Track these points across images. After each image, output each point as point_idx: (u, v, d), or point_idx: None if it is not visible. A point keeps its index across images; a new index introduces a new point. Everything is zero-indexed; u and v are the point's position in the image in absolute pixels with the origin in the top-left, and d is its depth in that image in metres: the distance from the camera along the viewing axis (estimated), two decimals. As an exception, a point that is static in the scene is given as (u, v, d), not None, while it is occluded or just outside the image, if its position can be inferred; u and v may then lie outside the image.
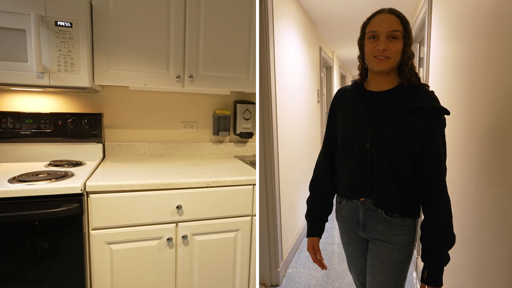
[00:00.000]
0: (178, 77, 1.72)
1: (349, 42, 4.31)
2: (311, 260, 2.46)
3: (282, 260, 2.34)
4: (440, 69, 1.75)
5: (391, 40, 0.98)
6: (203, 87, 1.80)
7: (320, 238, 1.18)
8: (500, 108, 0.94)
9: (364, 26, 1.05)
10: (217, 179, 1.55)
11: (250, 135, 2.24)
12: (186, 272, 1.56)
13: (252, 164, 1.98)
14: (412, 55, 1.02)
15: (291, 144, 2.64)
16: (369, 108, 1.04)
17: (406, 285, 1.12)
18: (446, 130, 1.02)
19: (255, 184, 1.63)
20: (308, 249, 1.19)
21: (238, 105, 2.17)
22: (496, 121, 0.98)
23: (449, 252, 1.00)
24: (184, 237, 1.51)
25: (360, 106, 1.05)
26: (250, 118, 2.19)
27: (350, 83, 1.15)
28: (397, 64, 1.01)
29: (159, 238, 1.48)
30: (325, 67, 4.73)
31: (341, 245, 2.71)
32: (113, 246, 1.42)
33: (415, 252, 1.45)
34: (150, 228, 1.46)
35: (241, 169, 1.79)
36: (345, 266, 2.47)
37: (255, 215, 1.66)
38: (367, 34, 1.02)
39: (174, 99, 2.11)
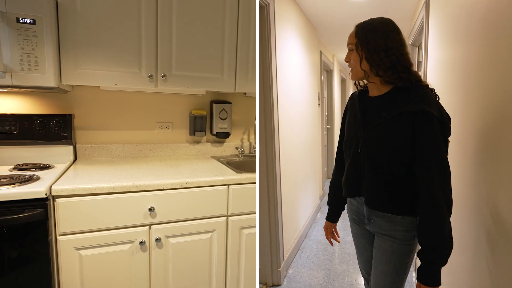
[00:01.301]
0: (150, 76, 1.68)
1: None
2: (312, 260, 2.60)
3: (284, 260, 2.36)
4: (437, 72, 1.79)
5: (350, 52, 1.09)
6: (176, 86, 1.77)
7: (336, 223, 1.36)
8: (493, 109, 0.96)
9: None
10: (191, 180, 1.52)
11: (227, 135, 2.22)
12: (160, 275, 1.52)
13: (229, 164, 1.97)
14: (384, 61, 1.01)
15: (293, 146, 2.66)
16: (366, 113, 1.10)
17: (406, 286, 1.16)
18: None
19: (230, 184, 1.62)
20: (324, 228, 1.38)
21: (214, 105, 2.15)
22: (488, 122, 1.00)
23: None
24: (158, 240, 1.48)
25: (358, 112, 1.12)
26: (227, 118, 2.18)
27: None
28: (361, 73, 1.07)
29: (132, 242, 1.44)
30: (326, 71, 4.78)
31: (341, 246, 2.82)
32: (83, 252, 1.37)
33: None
34: (121, 231, 1.42)
35: (217, 169, 1.77)
36: (345, 266, 2.51)
37: (230, 216, 1.65)
38: None
39: (149, 99, 2.06)
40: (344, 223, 3.10)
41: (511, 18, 0.82)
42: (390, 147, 1.00)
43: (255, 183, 1.68)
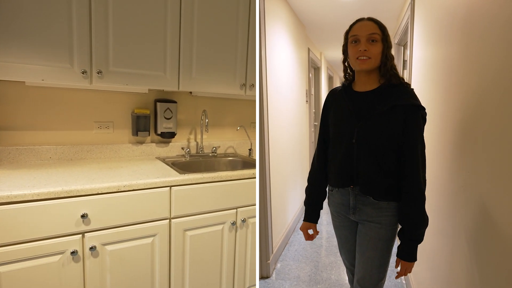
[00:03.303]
0: (84, 72, 1.56)
1: (337, 43, 4.43)
2: (300, 253, 2.66)
3: (272, 253, 2.38)
4: (421, 71, 1.88)
5: (370, 43, 1.11)
6: (114, 84, 1.66)
7: (316, 223, 1.35)
8: (471, 105, 1.03)
9: (347, 33, 1.18)
10: (129, 183, 1.44)
11: (173, 135, 2.15)
12: (96, 286, 1.42)
13: (174, 165, 1.90)
14: (391, 57, 1.14)
15: (282, 142, 2.66)
16: (356, 107, 1.17)
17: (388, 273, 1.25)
18: (426, 124, 1.14)
19: (172, 186, 1.56)
20: (302, 229, 1.36)
21: (158, 104, 2.06)
22: (466, 116, 1.07)
23: (426, 237, 1.15)
24: (93, 248, 1.37)
25: (348, 106, 1.18)
26: (172, 117, 2.10)
27: (340, 85, 1.29)
28: (378, 65, 1.14)
29: (62, 253, 1.33)
30: (314, 68, 4.80)
31: (328, 239, 2.89)
32: (1, 268, 1.22)
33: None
34: (49, 242, 1.30)
35: (160, 171, 1.70)
36: (333, 258, 2.58)
37: (173, 218, 1.59)
38: (350, 38, 1.15)
39: (86, 96, 1.91)
40: (330, 217, 3.16)
41: (488, 22, 0.88)
42: (386, 136, 1.11)
43: (200, 183, 1.65)
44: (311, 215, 1.35)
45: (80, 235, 1.36)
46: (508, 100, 0.77)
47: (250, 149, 2.36)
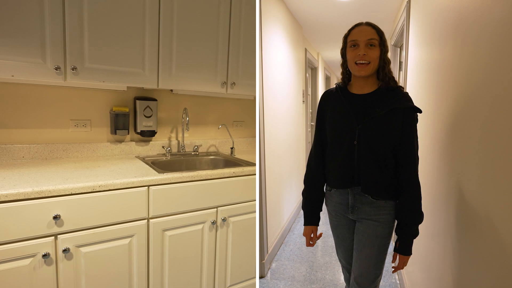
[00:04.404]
0: (57, 68, 1.50)
1: (334, 44, 4.46)
2: (296, 253, 2.66)
3: (268, 253, 2.38)
4: (416, 72, 1.90)
5: (369, 48, 1.14)
6: (90, 81, 1.61)
7: (318, 226, 1.34)
8: (462, 107, 1.05)
9: (346, 37, 1.20)
10: (104, 183, 1.40)
11: (153, 133, 2.11)
12: (71, 289, 1.37)
13: (154, 164, 1.87)
14: (388, 61, 1.18)
15: (277, 141, 2.64)
16: (355, 109, 1.19)
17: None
18: (418, 126, 1.18)
19: (151, 185, 1.53)
20: (305, 234, 1.34)
21: (138, 101, 2.02)
22: (458, 118, 1.09)
23: (420, 238, 1.22)
24: (66, 250, 1.33)
25: (346, 108, 1.20)
26: (152, 115, 2.06)
27: (334, 86, 1.30)
28: (376, 69, 1.17)
29: (33, 256, 1.27)
30: (310, 68, 4.80)
31: (323, 239, 2.90)
32: (-33, 272, 1.16)
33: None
34: (18, 245, 1.24)
35: (139, 170, 1.66)
36: (328, 258, 2.59)
37: (152, 218, 1.56)
38: (349, 43, 1.18)
39: (61, 93, 1.85)
40: (327, 217, 3.12)
41: (478, 27, 0.89)
42: (386, 137, 1.15)
43: (180, 182, 1.62)
44: (312, 218, 1.33)
45: (53, 237, 1.31)
46: (496, 103, 0.78)
47: (232, 148, 2.34)
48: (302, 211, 1.39)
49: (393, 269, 1.24)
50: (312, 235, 1.33)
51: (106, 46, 1.62)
